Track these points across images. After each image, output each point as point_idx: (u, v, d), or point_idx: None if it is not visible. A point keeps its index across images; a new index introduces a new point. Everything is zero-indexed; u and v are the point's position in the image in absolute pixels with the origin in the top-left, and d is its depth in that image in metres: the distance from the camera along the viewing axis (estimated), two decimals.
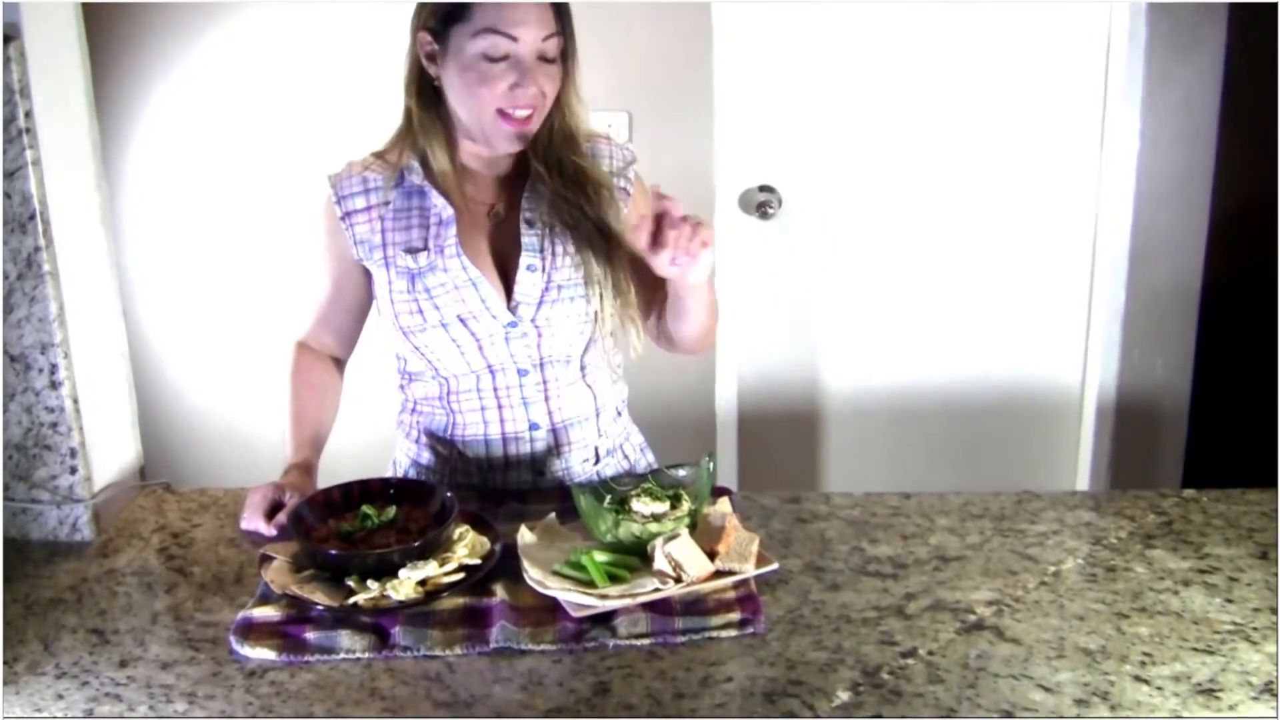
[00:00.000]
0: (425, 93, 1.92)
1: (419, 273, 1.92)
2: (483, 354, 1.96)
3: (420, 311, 1.93)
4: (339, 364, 2.14)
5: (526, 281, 1.93)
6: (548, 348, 1.97)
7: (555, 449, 2.03)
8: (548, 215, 1.94)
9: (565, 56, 1.89)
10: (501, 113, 1.85)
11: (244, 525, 1.88)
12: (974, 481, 3.25)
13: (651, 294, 2.03)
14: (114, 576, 1.82)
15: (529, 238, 1.93)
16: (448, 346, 1.95)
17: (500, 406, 2.00)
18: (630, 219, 1.99)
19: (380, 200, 1.95)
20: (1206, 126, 3.20)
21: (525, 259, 1.92)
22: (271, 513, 1.87)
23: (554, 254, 1.93)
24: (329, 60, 3.14)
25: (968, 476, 3.38)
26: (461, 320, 1.93)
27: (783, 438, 3.41)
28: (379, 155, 1.98)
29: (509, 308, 1.93)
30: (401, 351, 2.03)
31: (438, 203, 1.92)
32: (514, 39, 1.81)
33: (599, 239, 1.94)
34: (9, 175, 1.80)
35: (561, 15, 1.86)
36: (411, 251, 1.92)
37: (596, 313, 1.97)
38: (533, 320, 1.94)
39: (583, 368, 2.03)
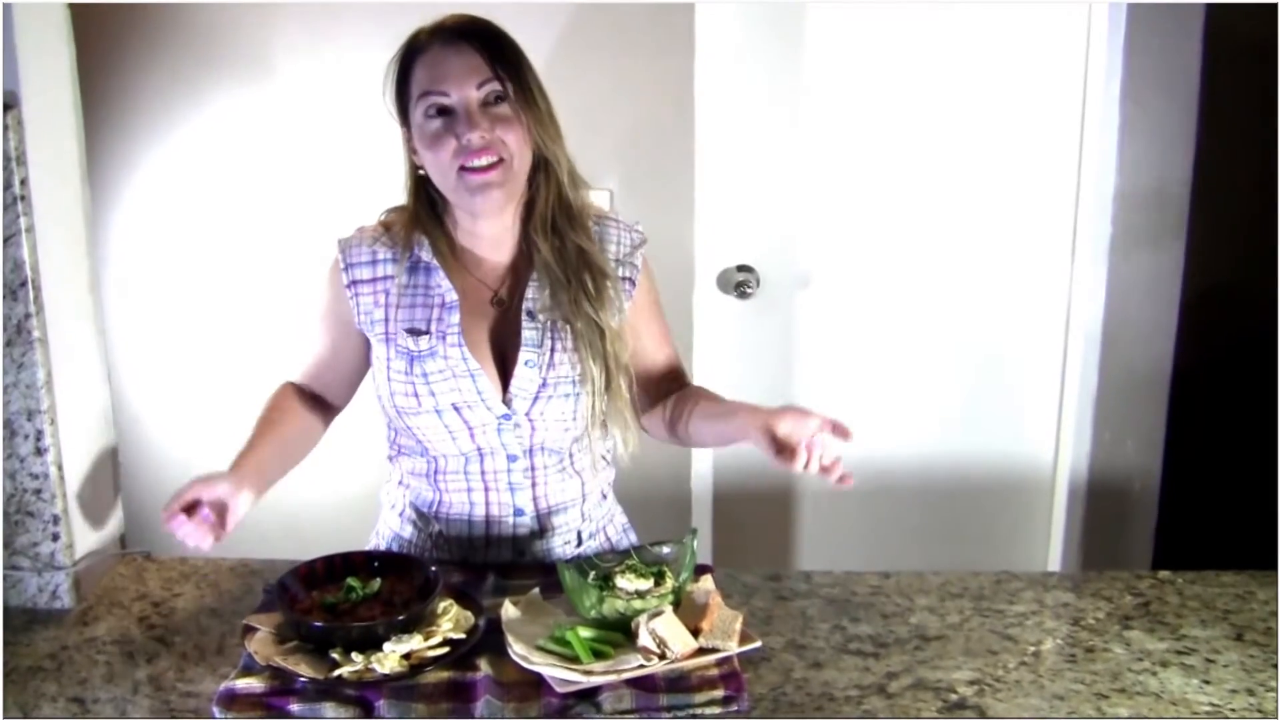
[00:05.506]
0: (419, 189, 1.95)
1: (419, 356, 1.91)
2: (474, 440, 1.95)
3: (415, 395, 1.92)
4: (327, 410, 2.09)
5: (524, 376, 1.92)
6: (539, 439, 1.97)
7: (539, 533, 2.03)
8: (549, 308, 1.93)
9: (524, 103, 1.86)
10: (463, 168, 1.84)
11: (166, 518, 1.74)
12: (946, 559, 3.26)
13: (650, 390, 2.06)
14: (94, 645, 1.81)
15: (529, 331, 1.92)
16: (440, 431, 1.95)
17: (487, 489, 1.99)
18: (633, 310, 2.01)
19: (386, 274, 1.94)
20: (1177, 210, 3.25)
21: (524, 354, 1.91)
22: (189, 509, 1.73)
23: (552, 349, 1.92)
24: (317, 138, 3.16)
25: (940, 554, 3.39)
26: (456, 408, 1.92)
27: (758, 515, 3.42)
28: (387, 227, 1.97)
29: (504, 400, 1.93)
30: (394, 424, 2.03)
31: (443, 284, 1.92)
32: (446, 94, 1.84)
33: (597, 338, 1.93)
34: (3, 241, 1.81)
35: (501, 60, 1.85)
36: (414, 333, 1.92)
37: (590, 409, 1.96)
38: (527, 414, 1.94)
39: (571, 456, 2.02)
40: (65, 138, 1.96)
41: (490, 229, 1.95)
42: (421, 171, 1.92)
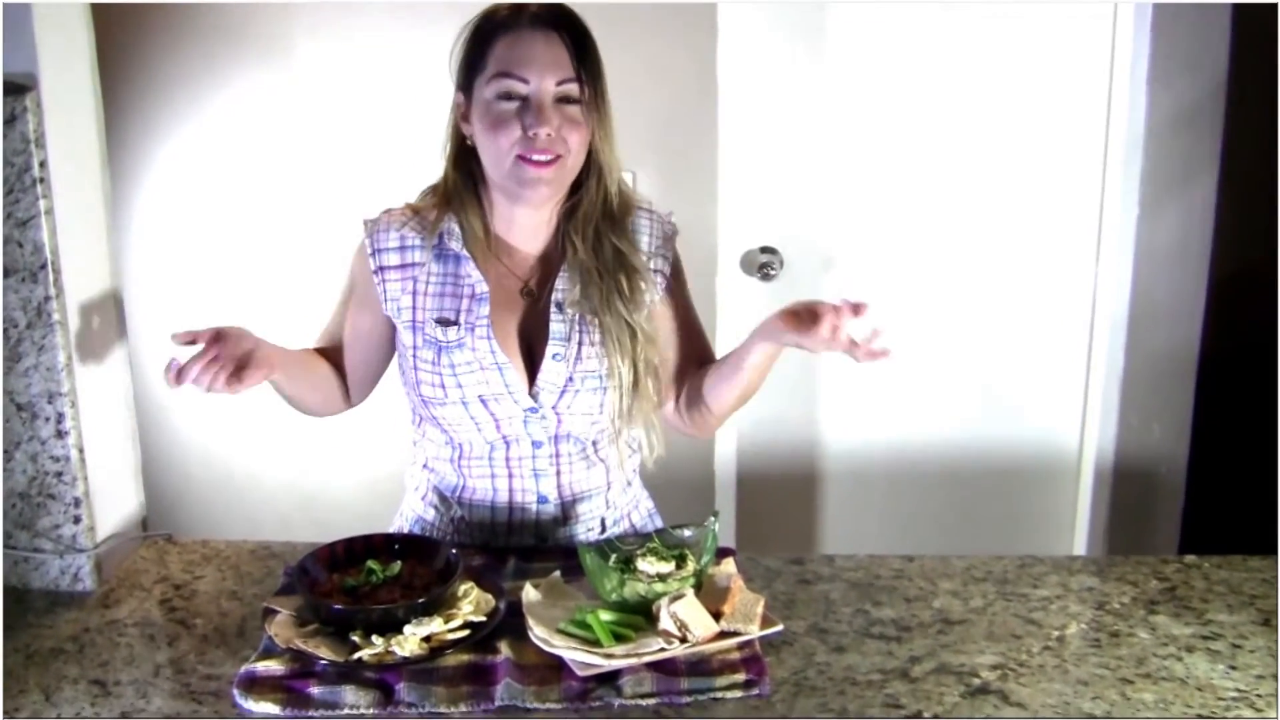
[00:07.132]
0: (461, 159, 1.93)
1: (446, 346, 1.90)
2: (499, 430, 1.94)
3: (443, 386, 1.91)
4: (345, 390, 2.07)
5: (551, 370, 1.90)
6: (565, 429, 1.96)
7: (561, 520, 2.02)
8: (579, 301, 1.91)
9: (595, 107, 1.86)
10: (521, 157, 1.82)
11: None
12: (971, 543, 3.26)
13: (675, 380, 2.05)
14: (116, 627, 1.81)
15: (557, 324, 1.90)
16: (465, 421, 1.93)
17: (510, 476, 1.99)
18: (664, 302, 2.00)
19: (414, 260, 1.92)
20: (1205, 193, 3.22)
21: (552, 347, 1.90)
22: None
23: (580, 344, 1.91)
24: (339, 120, 3.16)
25: (965, 538, 3.37)
26: (482, 400, 1.91)
27: (781, 498, 3.41)
28: (416, 210, 1.95)
29: (530, 393, 1.92)
30: (418, 410, 2.02)
31: (473, 275, 1.90)
32: (525, 81, 1.82)
33: (627, 337, 1.91)
34: (22, 224, 1.81)
35: (585, 59, 1.84)
36: (443, 323, 1.90)
37: (616, 405, 1.94)
38: (553, 407, 1.92)
39: (595, 444, 2.01)
40: (85, 120, 1.95)
41: (527, 218, 1.93)
42: (469, 142, 1.90)
